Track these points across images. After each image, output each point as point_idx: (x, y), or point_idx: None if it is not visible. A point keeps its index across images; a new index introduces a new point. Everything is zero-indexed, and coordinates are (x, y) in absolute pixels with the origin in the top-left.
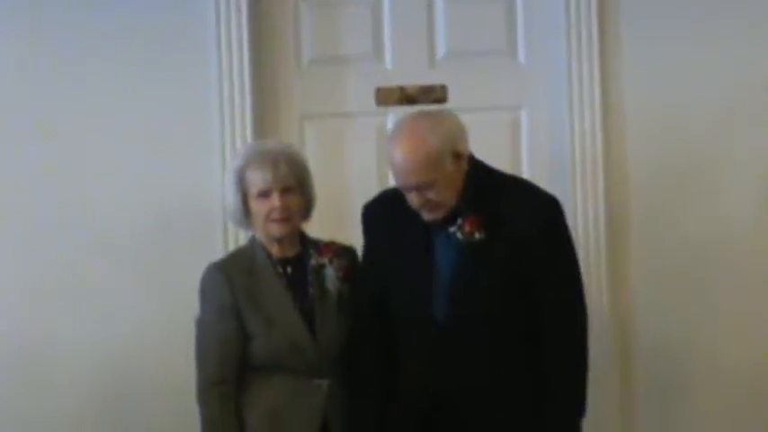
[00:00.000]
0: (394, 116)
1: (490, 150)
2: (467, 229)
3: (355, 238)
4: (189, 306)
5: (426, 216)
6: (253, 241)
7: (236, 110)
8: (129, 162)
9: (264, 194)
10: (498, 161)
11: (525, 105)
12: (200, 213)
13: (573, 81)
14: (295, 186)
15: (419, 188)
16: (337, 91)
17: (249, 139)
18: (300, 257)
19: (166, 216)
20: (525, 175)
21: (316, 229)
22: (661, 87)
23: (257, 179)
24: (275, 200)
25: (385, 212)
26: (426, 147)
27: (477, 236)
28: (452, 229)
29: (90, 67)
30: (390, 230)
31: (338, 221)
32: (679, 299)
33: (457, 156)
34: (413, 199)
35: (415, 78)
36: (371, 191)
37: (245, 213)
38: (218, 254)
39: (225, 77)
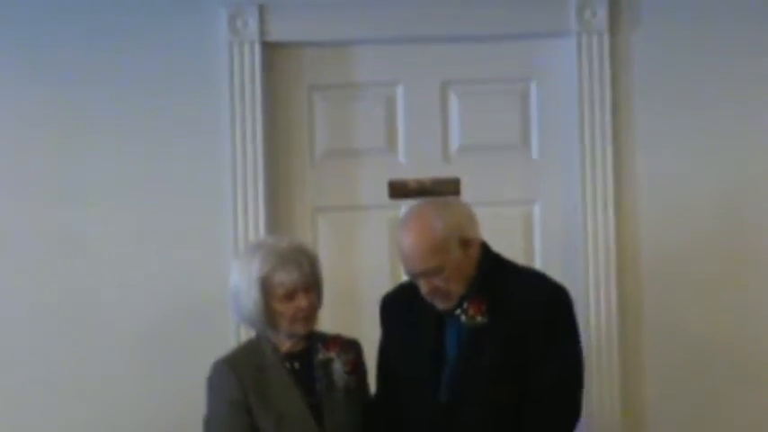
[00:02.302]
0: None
1: (503, 244)
2: (470, 312)
3: (367, 330)
4: (196, 402)
5: (438, 305)
6: (260, 336)
7: (249, 201)
8: (141, 253)
9: (290, 295)
10: (511, 254)
11: (538, 199)
12: (211, 306)
13: (586, 176)
14: (314, 284)
15: (426, 274)
16: (350, 184)
17: (262, 230)
18: (307, 352)
19: (176, 308)
20: (538, 267)
21: (328, 322)
22: (674, 182)
23: (283, 281)
24: (302, 300)
25: (401, 303)
26: (432, 232)
27: (479, 319)
28: (457, 312)
29: (100, 157)
30: (406, 320)
31: (351, 314)
32: (692, 394)
33: (465, 243)
34: (422, 286)
35: (429, 172)
36: (384, 284)
37: (269, 315)
38: (230, 347)
39: (239, 168)
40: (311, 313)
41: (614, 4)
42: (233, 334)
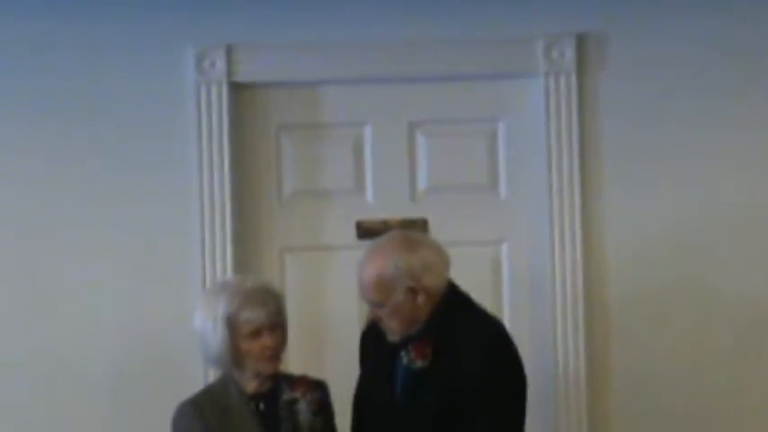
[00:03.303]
0: None
1: (471, 284)
2: (412, 354)
3: (335, 371)
4: None
5: (387, 335)
6: (225, 376)
7: (216, 241)
8: (108, 295)
9: (257, 333)
10: (479, 295)
11: (506, 240)
12: (180, 348)
13: (554, 216)
14: (280, 323)
15: (371, 303)
16: (318, 224)
17: (230, 271)
18: (273, 392)
19: (143, 349)
20: (506, 308)
21: (295, 362)
22: (641, 222)
23: (249, 319)
24: (267, 339)
25: (374, 334)
26: (382, 270)
27: (419, 363)
28: (402, 353)
29: (66, 195)
30: (374, 351)
31: (318, 355)
32: None
33: (413, 290)
34: (369, 314)
35: (397, 212)
36: (351, 324)
37: (235, 354)
38: (199, 385)
39: (206, 208)
40: (277, 352)
41: (582, 45)
42: (201, 376)
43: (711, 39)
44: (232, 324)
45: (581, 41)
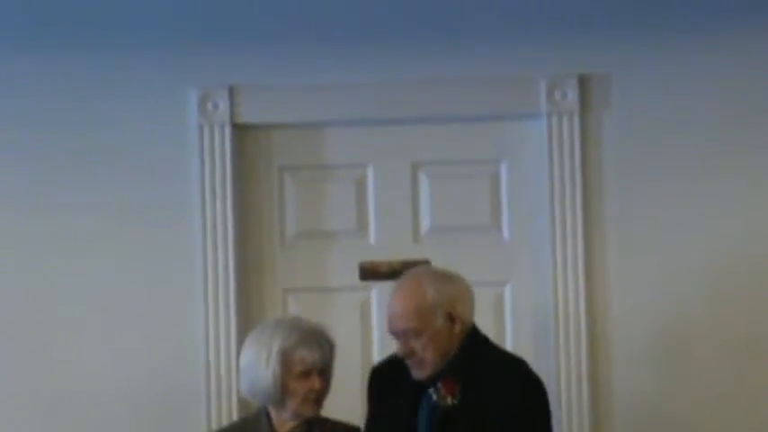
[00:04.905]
0: (377, 291)
1: None
2: (442, 392)
3: (338, 413)
4: None
5: (413, 372)
6: (260, 413)
7: (220, 283)
8: (114, 339)
9: (307, 374)
10: None
11: (509, 281)
12: (181, 390)
13: (557, 257)
14: (329, 367)
15: (405, 334)
16: (321, 265)
17: (233, 312)
18: None
19: (145, 393)
20: (509, 350)
21: None
22: (645, 262)
23: (303, 358)
24: (315, 381)
25: (387, 376)
26: (422, 295)
27: (450, 400)
28: (430, 391)
29: (67, 238)
30: (389, 393)
31: None
32: None
33: (451, 318)
34: (399, 348)
35: (400, 253)
36: (355, 365)
37: (282, 391)
38: (201, 426)
39: (209, 249)
40: (322, 396)
41: (584, 86)
42: (203, 416)
43: (714, 80)
44: (285, 360)
45: (583, 82)
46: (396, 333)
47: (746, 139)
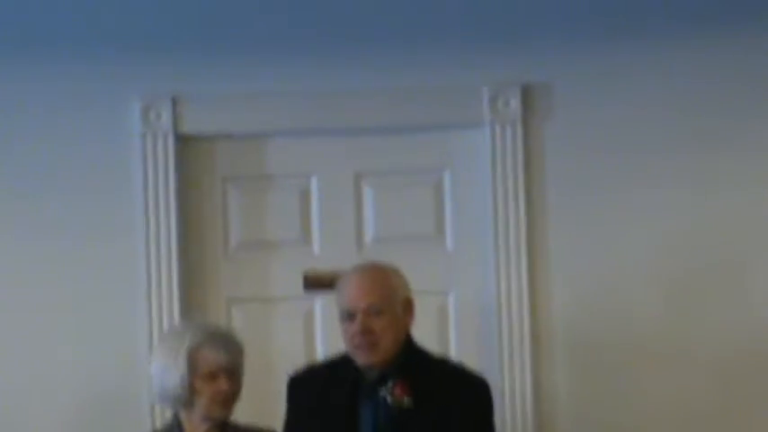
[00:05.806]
0: (321, 301)
1: (418, 334)
2: (397, 392)
3: (280, 420)
4: None
5: (361, 356)
6: (173, 421)
7: (163, 293)
8: (53, 345)
9: (213, 375)
10: (426, 344)
11: (453, 290)
12: (125, 399)
13: (500, 265)
14: (237, 370)
15: (368, 311)
16: (264, 275)
17: (176, 322)
18: None
19: (90, 400)
20: (453, 357)
21: (241, 413)
22: (588, 270)
23: (210, 359)
24: (223, 382)
25: (311, 387)
26: (385, 277)
27: (406, 401)
28: (382, 392)
29: (10, 243)
30: (315, 397)
31: (264, 406)
32: None
33: (407, 305)
34: (355, 327)
35: (344, 263)
36: None
37: (190, 393)
38: None
39: (152, 259)
40: (230, 398)
41: (527, 95)
42: (148, 422)
43: (656, 90)
44: (192, 359)
45: (526, 91)
46: (356, 311)
47: (688, 147)
